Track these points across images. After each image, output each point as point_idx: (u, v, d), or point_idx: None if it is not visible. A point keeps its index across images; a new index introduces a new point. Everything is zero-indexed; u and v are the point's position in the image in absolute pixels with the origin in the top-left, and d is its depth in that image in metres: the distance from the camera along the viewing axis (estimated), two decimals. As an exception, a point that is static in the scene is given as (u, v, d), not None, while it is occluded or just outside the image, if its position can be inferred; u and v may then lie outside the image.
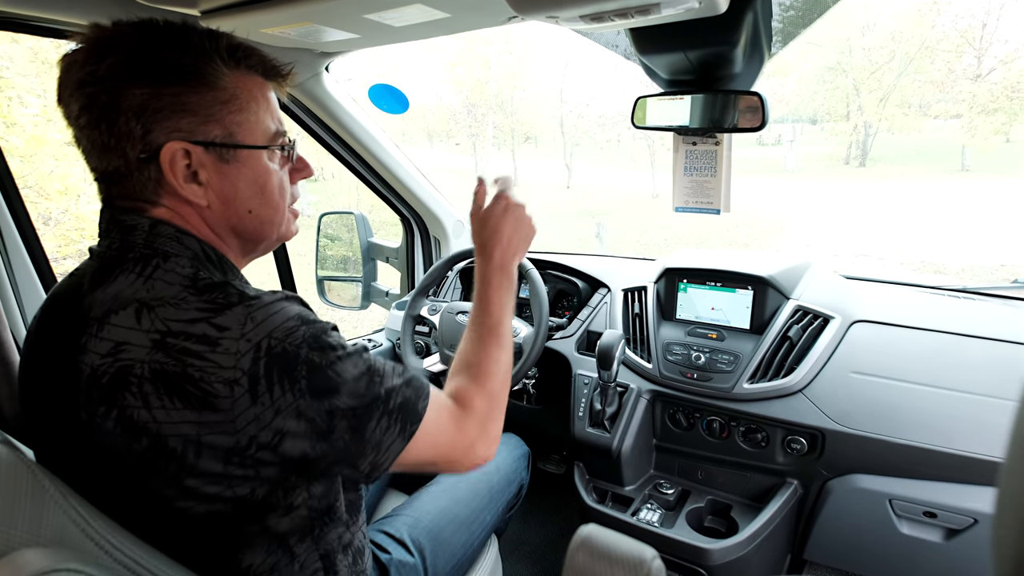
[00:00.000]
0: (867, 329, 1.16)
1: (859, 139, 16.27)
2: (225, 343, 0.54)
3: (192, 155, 0.61)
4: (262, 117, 0.65)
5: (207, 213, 0.65)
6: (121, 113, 0.57)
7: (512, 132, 18.76)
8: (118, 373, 0.54)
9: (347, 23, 0.95)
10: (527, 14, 0.76)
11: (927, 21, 14.71)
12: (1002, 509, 0.23)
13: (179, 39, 0.60)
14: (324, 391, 0.57)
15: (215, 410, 0.53)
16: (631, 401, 1.25)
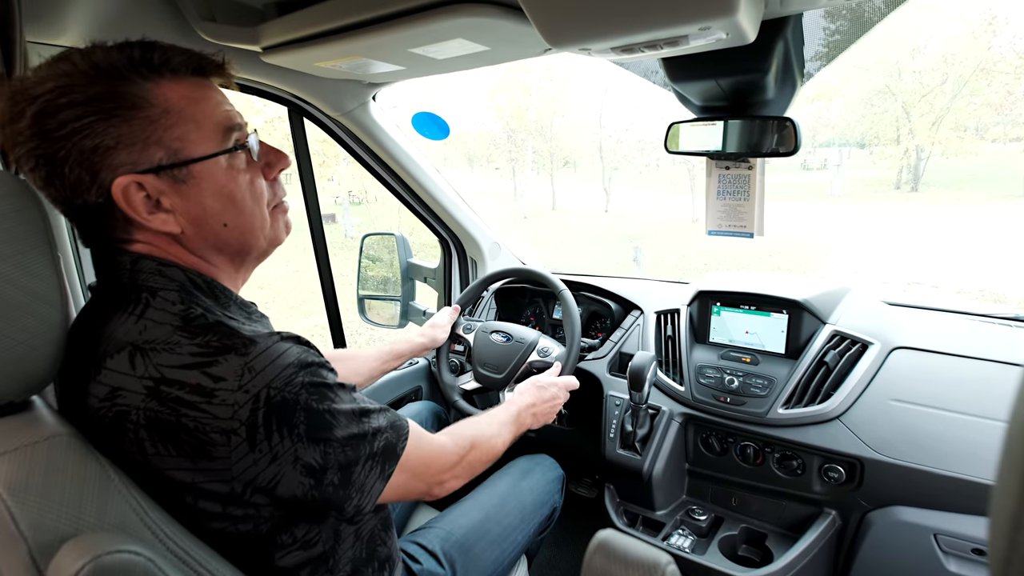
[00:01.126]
0: (908, 356, 1.13)
1: (910, 163, 15.71)
2: (221, 395, 0.53)
3: (145, 185, 0.58)
4: (205, 121, 0.60)
5: (184, 239, 0.62)
6: (62, 164, 0.55)
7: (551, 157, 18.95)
8: (115, 419, 0.55)
9: (393, 57, 1.02)
10: (560, 47, 0.80)
11: (982, 43, 14.21)
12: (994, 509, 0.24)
13: (88, 67, 0.55)
14: (320, 433, 0.58)
15: (211, 458, 0.54)
16: (663, 423, 1.25)
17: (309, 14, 0.90)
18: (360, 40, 0.92)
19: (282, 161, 0.69)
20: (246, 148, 0.64)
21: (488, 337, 1.41)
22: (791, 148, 1.02)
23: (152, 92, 0.57)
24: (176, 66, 0.60)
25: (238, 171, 0.63)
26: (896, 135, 15.96)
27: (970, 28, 14.26)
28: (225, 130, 0.62)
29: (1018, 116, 14.04)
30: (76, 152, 0.55)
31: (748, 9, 0.65)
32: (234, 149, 0.63)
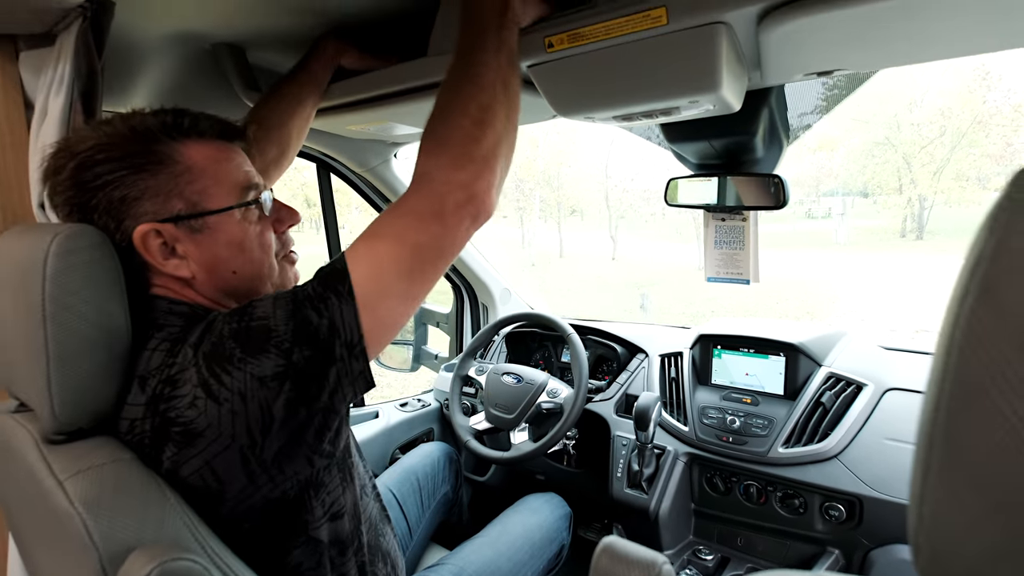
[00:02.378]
0: (902, 397, 1.18)
1: (914, 212, 15.91)
2: (178, 376, 0.58)
3: (163, 233, 0.64)
4: (225, 179, 0.67)
5: (196, 283, 0.67)
6: (92, 211, 0.63)
7: (558, 205, 19.35)
8: (138, 448, 0.60)
9: (419, 121, 1.13)
10: (568, 116, 0.90)
11: (977, 97, 14.64)
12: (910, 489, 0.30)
13: (126, 129, 0.64)
14: (261, 344, 0.57)
15: (201, 435, 0.56)
16: (668, 463, 1.29)
17: (345, 85, 1.01)
18: (391, 108, 1.03)
19: (292, 217, 0.76)
20: (259, 203, 0.70)
21: (500, 379, 1.47)
22: (780, 203, 1.11)
23: (179, 151, 0.65)
24: (203, 130, 0.67)
25: (250, 223, 0.69)
26: (898, 184, 16.23)
27: (965, 83, 14.73)
28: (243, 188, 0.69)
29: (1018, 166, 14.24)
30: (106, 201, 0.62)
31: (731, 84, 0.75)
32: (247, 204, 0.69)
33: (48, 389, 0.59)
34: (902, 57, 0.74)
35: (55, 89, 0.82)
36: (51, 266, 0.58)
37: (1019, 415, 0.25)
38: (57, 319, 0.59)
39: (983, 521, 0.26)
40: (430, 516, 1.34)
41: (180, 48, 1.05)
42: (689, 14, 0.64)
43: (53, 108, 0.82)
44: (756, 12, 0.62)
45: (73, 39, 0.79)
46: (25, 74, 0.88)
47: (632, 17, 0.67)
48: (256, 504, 0.61)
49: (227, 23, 0.99)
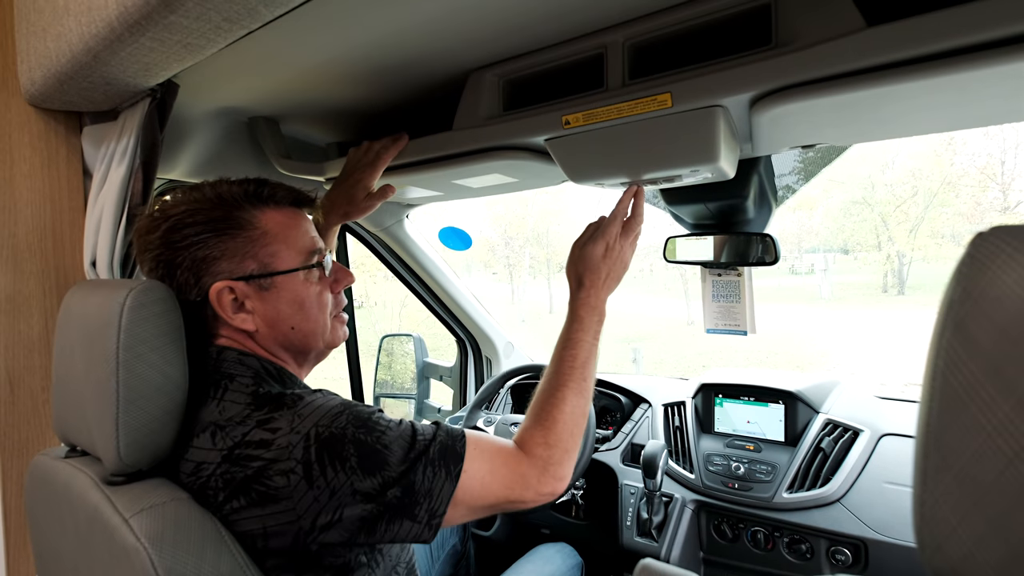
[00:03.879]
0: (897, 442, 1.24)
1: (894, 268, 16.35)
2: (278, 441, 0.61)
3: (235, 289, 0.70)
4: (294, 243, 0.74)
5: (258, 336, 0.73)
6: (177, 268, 0.70)
7: (548, 262, 19.65)
8: (199, 491, 0.63)
9: (436, 186, 1.23)
10: (580, 183, 1.00)
11: (945, 160, 15.43)
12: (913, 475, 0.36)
13: (211, 196, 0.71)
14: (374, 467, 0.62)
15: (276, 501, 0.60)
16: (677, 510, 1.32)
17: None
18: (410, 175, 1.13)
19: (348, 278, 0.83)
20: (321, 266, 0.78)
21: (508, 429, 1.51)
22: (773, 259, 1.20)
23: (257, 217, 0.72)
24: (279, 199, 0.76)
25: (311, 284, 0.76)
26: (877, 242, 16.77)
27: (932, 147, 15.55)
28: (308, 252, 0.76)
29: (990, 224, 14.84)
30: (190, 260, 0.69)
31: (727, 155, 0.85)
32: (311, 266, 0.76)
33: (116, 431, 0.64)
34: (872, 134, 0.85)
35: (117, 159, 0.91)
36: (126, 317, 0.64)
37: (992, 425, 0.31)
38: (129, 366, 0.64)
39: (971, 514, 0.33)
40: (439, 568, 1.34)
41: (221, 121, 1.15)
42: (691, 99, 0.74)
43: (115, 176, 0.91)
44: (749, 98, 0.73)
45: (139, 115, 0.88)
46: (86, 145, 0.97)
47: (641, 100, 0.77)
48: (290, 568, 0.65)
49: (264, 100, 1.09)
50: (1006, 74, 0.58)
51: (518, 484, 0.71)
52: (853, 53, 0.62)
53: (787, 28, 0.67)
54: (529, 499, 0.72)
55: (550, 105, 0.86)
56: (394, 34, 0.81)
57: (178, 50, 0.69)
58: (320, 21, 0.73)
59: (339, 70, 0.94)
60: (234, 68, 0.89)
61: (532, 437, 0.75)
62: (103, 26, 0.66)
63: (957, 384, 0.33)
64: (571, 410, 0.78)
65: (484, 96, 0.94)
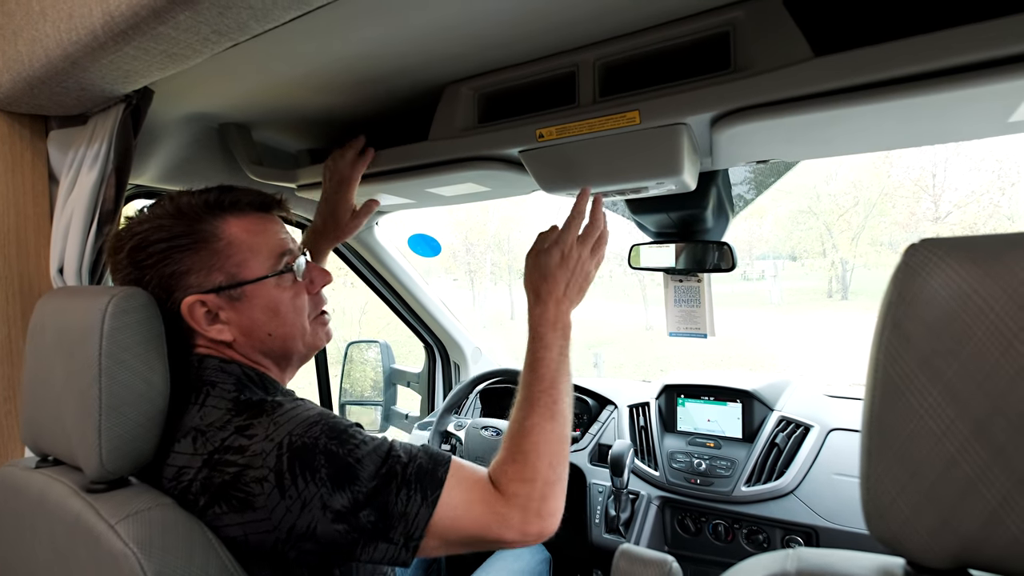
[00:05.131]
0: (843, 436, 1.33)
1: (838, 274, 17.21)
2: (253, 447, 0.62)
3: (207, 302, 0.71)
4: (261, 250, 0.73)
5: (236, 345, 0.73)
6: (146, 286, 0.70)
7: (509, 268, 19.74)
8: (180, 495, 0.64)
9: (409, 194, 1.25)
10: (551, 192, 1.04)
11: (882, 172, 16.38)
12: None
13: (174, 210, 0.71)
14: (344, 480, 0.61)
15: (253, 508, 0.60)
16: (643, 507, 1.37)
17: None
18: (385, 183, 1.15)
19: (324, 278, 0.81)
20: (292, 270, 0.76)
21: (479, 432, 1.53)
22: (730, 266, 1.28)
23: (220, 228, 0.72)
24: (243, 206, 0.74)
25: (284, 289, 0.75)
26: (822, 249, 17.61)
27: (871, 159, 16.47)
28: (278, 255, 0.75)
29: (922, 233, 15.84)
30: (157, 277, 0.70)
31: (690, 168, 0.91)
32: (281, 272, 0.75)
33: (98, 439, 0.64)
34: (819, 152, 0.93)
35: (88, 165, 0.90)
36: (108, 324, 0.64)
37: (924, 408, 0.37)
38: (111, 373, 0.64)
39: (908, 486, 0.38)
40: (412, 572, 1.35)
41: (191, 127, 1.15)
42: (658, 117, 0.79)
43: (85, 182, 0.89)
44: (710, 117, 0.79)
45: (111, 121, 0.87)
46: (52, 150, 0.95)
47: (611, 117, 0.82)
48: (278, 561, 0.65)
49: (237, 107, 1.09)
50: (935, 102, 0.66)
51: (495, 523, 0.66)
52: (802, 80, 0.69)
53: (744, 55, 0.73)
54: (511, 539, 0.67)
55: (525, 119, 0.90)
56: (373, 47, 0.83)
57: (161, 59, 0.70)
58: (301, 33, 0.75)
59: (316, 80, 0.95)
60: (208, 75, 0.90)
61: (505, 474, 0.69)
62: (85, 33, 0.66)
63: (895, 374, 0.38)
64: (545, 439, 0.72)
65: (460, 108, 0.97)
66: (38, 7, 0.72)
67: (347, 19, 0.73)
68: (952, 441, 0.36)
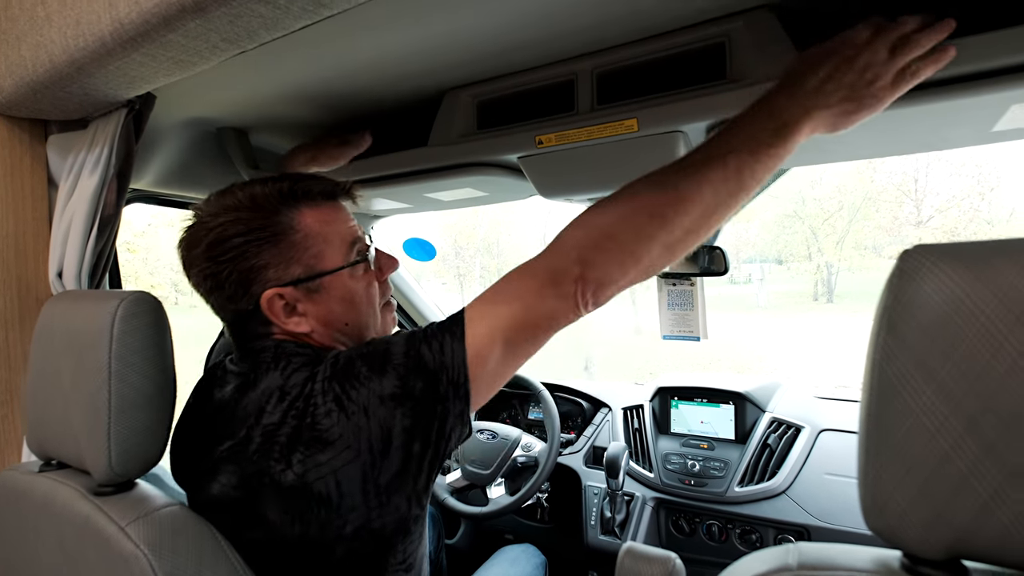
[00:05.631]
0: (834, 436, 1.36)
1: (823, 277, 17.43)
2: (316, 387, 0.63)
3: (285, 295, 0.70)
4: (333, 240, 0.73)
5: (314, 335, 0.73)
6: (224, 281, 0.70)
7: (498, 272, 19.73)
8: (264, 441, 0.62)
9: (408, 198, 1.26)
10: (549, 198, 1.06)
11: (866, 177, 16.63)
12: None
13: (248, 201, 0.70)
14: (382, 364, 0.62)
15: (331, 443, 0.60)
16: (638, 508, 1.39)
17: (355, 165, 1.13)
18: (384, 187, 1.16)
19: (392, 264, 0.81)
20: (365, 259, 0.76)
21: (475, 436, 1.54)
22: (722, 269, 1.30)
23: (296, 219, 0.71)
24: (315, 195, 0.74)
25: (358, 279, 0.75)
26: (807, 252, 17.82)
27: (855, 164, 16.72)
28: (350, 244, 0.75)
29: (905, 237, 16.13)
30: (236, 272, 0.69)
31: (684, 176, 0.93)
32: (356, 262, 0.75)
33: (108, 441, 0.64)
34: (809, 159, 0.96)
35: (89, 169, 0.90)
36: (118, 327, 0.65)
37: (919, 407, 0.39)
38: (121, 375, 0.65)
39: (904, 481, 0.40)
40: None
41: (189, 131, 1.15)
42: (655, 124, 0.81)
43: (86, 186, 0.89)
44: (705, 125, 0.81)
45: (113, 125, 0.88)
46: (52, 154, 0.95)
47: (609, 124, 0.84)
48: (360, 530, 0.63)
49: (235, 111, 1.10)
50: (923, 112, 0.68)
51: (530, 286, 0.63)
52: (796, 90, 0.71)
53: (739, 65, 0.75)
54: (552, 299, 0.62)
55: (524, 125, 0.92)
56: (373, 56, 0.84)
57: (168, 65, 0.71)
58: (303, 41, 0.76)
59: (315, 87, 0.96)
60: (207, 80, 0.90)
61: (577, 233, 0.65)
62: (93, 40, 0.67)
63: (891, 374, 0.40)
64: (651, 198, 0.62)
65: (459, 114, 0.98)
66: (43, 12, 0.73)
67: (349, 28, 0.74)
68: (946, 438, 0.38)
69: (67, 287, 0.92)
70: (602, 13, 0.74)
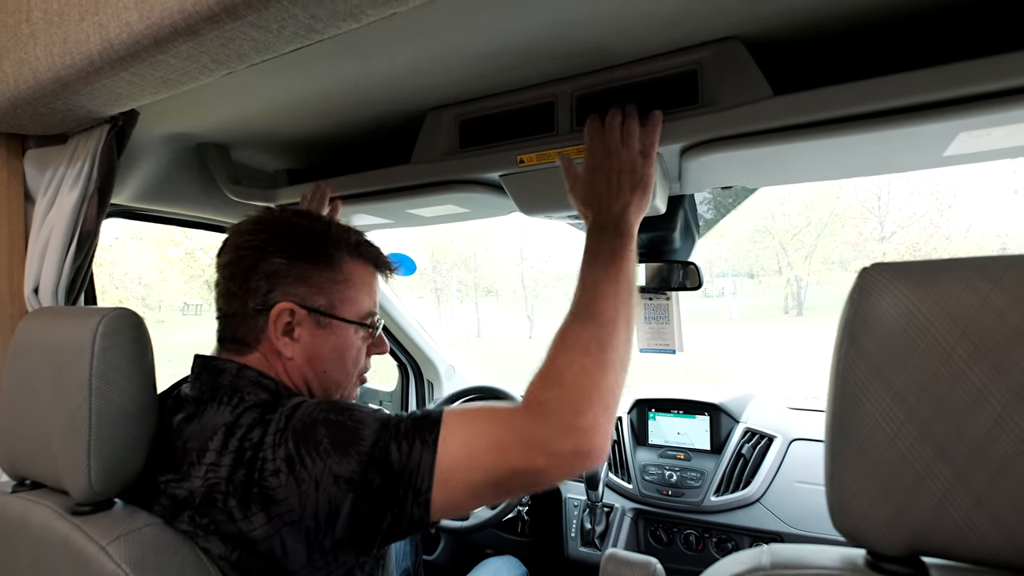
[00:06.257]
0: (805, 445, 1.40)
1: (793, 291, 17.88)
2: (267, 439, 0.62)
3: (295, 315, 0.73)
4: (362, 299, 0.79)
5: (290, 364, 0.74)
6: (256, 272, 0.72)
7: (475, 286, 19.75)
8: (207, 493, 0.62)
9: (390, 214, 1.28)
10: (530, 215, 1.09)
11: (832, 194, 17.20)
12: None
13: (320, 228, 0.77)
14: (347, 443, 0.60)
15: (276, 502, 0.59)
16: (617, 519, 1.41)
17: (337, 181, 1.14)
18: (367, 203, 1.17)
19: (382, 347, 0.86)
20: (374, 329, 0.82)
21: (455, 450, 1.55)
22: (696, 284, 1.34)
23: (347, 263, 0.78)
24: (371, 258, 0.81)
25: (357, 340, 0.79)
26: (778, 267, 18.29)
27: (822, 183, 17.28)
28: (368, 312, 0.81)
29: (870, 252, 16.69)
30: (272, 269, 0.73)
31: (661, 193, 0.97)
32: (365, 327, 0.80)
33: (87, 459, 0.64)
34: (778, 180, 1.00)
35: (68, 184, 0.89)
36: (99, 344, 0.65)
37: (879, 412, 0.42)
38: (101, 393, 0.65)
39: (866, 482, 0.43)
40: None
41: (169, 147, 1.15)
42: (632, 146, 0.85)
43: (65, 202, 0.89)
44: (679, 148, 0.85)
45: (94, 141, 0.88)
46: (29, 169, 0.94)
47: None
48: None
49: (217, 127, 1.10)
50: (879, 139, 0.73)
51: (514, 440, 0.60)
52: (763, 116, 0.75)
53: (711, 91, 0.80)
54: (541, 461, 0.59)
55: (506, 144, 0.95)
56: (357, 77, 0.86)
57: (155, 84, 0.71)
58: (289, 61, 0.77)
59: (299, 105, 0.98)
60: (191, 96, 0.90)
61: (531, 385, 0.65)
62: (81, 58, 0.67)
63: (853, 383, 0.43)
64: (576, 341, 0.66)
65: (442, 133, 1.01)
66: (28, 30, 0.73)
67: (335, 49, 0.76)
68: (903, 441, 0.41)
69: (43, 303, 0.91)
70: (581, 40, 0.78)
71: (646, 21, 0.73)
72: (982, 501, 0.39)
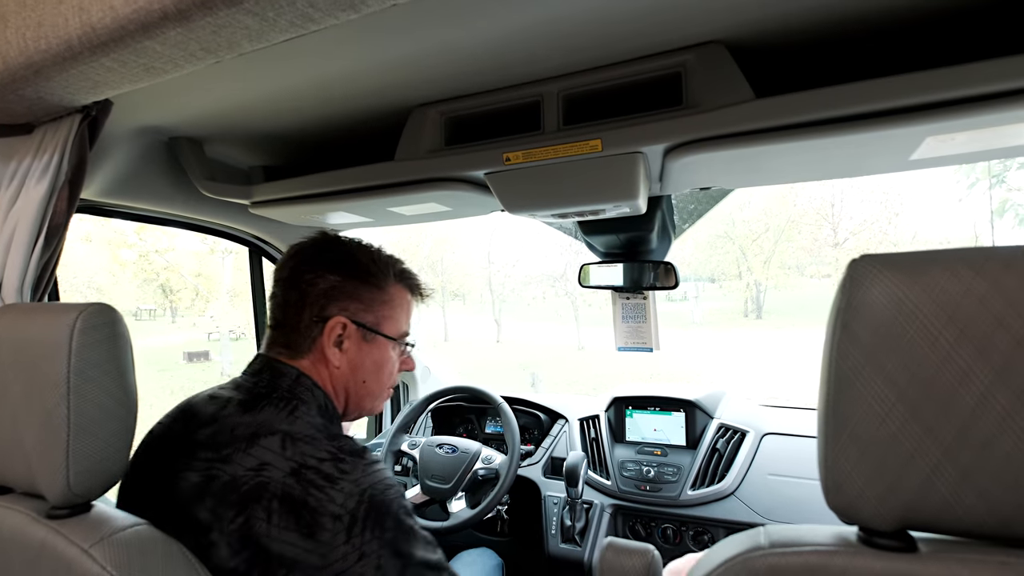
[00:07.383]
0: (776, 440, 1.45)
1: (752, 295, 18.43)
2: (342, 483, 0.65)
3: (346, 328, 0.83)
4: (401, 319, 0.90)
5: (335, 372, 0.83)
6: (314, 288, 0.82)
7: (442, 290, 19.63)
8: (256, 487, 0.65)
9: (370, 212, 1.26)
10: (515, 213, 1.09)
11: (789, 201, 17.83)
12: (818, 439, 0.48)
13: (371, 255, 0.88)
14: (401, 553, 0.65)
15: (316, 540, 0.62)
16: (596, 515, 1.42)
17: (301, 181, 1.12)
18: (348, 201, 1.16)
19: (409, 364, 0.97)
20: (408, 346, 0.94)
21: (434, 450, 1.53)
22: (673, 284, 1.38)
23: (391, 286, 0.89)
24: (410, 285, 0.93)
25: (393, 355, 0.90)
26: (738, 271, 18.82)
27: (779, 189, 17.91)
28: (404, 332, 0.92)
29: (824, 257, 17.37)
30: (331, 285, 0.83)
31: (643, 193, 1.00)
32: (405, 344, 0.93)
33: (66, 461, 0.61)
34: (756, 181, 1.04)
35: (36, 176, 0.85)
36: (77, 341, 0.62)
37: (871, 395, 0.44)
38: (80, 391, 0.62)
39: (860, 462, 0.45)
40: None
41: (140, 140, 1.11)
42: (618, 145, 0.87)
43: (32, 194, 0.85)
44: (663, 148, 0.87)
45: (65, 132, 0.84)
46: (-9, 159, 0.89)
47: (575, 144, 0.89)
48: None
49: (191, 121, 1.07)
50: (852, 141, 0.77)
51: None
52: (744, 118, 0.78)
53: (694, 93, 0.82)
54: None
55: (492, 142, 0.95)
56: (341, 68, 0.85)
57: (137, 72, 0.69)
58: (272, 52, 0.75)
59: (278, 100, 0.96)
60: (164, 87, 0.88)
61: None
62: (58, 43, 0.65)
63: (846, 368, 0.45)
64: None
65: (426, 131, 1.01)
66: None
67: (316, 44, 0.75)
68: (894, 421, 0.43)
69: (7, 300, 0.86)
70: (568, 41, 0.79)
71: (632, 24, 0.75)
72: (968, 476, 0.42)
